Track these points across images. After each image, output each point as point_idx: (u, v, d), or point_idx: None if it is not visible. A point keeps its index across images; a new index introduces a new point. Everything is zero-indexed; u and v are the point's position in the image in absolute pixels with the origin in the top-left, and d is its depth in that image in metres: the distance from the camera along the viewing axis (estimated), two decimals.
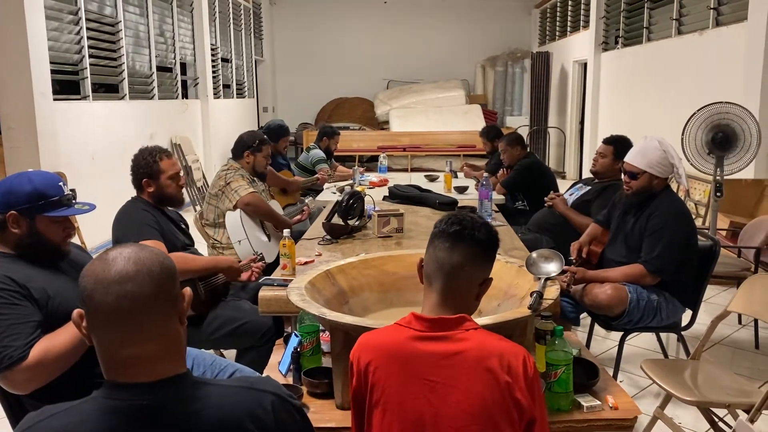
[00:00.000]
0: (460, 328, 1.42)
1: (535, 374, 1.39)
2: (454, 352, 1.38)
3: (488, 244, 1.53)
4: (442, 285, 1.48)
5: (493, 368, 1.35)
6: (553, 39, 12.02)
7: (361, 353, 1.44)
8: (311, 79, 13.62)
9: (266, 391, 1.15)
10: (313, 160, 5.64)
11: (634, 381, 3.24)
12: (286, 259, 2.63)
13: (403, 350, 1.40)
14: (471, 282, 1.50)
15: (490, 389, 1.34)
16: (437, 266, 1.48)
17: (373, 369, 1.40)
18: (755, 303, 2.44)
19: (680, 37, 6.88)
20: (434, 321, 1.43)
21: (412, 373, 1.37)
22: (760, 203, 5.02)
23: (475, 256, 1.49)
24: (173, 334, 1.11)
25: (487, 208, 3.88)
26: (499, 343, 1.41)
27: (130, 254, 1.10)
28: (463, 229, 1.49)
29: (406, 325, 1.45)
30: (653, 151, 2.86)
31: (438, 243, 1.50)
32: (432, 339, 1.41)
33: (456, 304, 1.47)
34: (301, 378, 1.94)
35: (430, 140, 11.46)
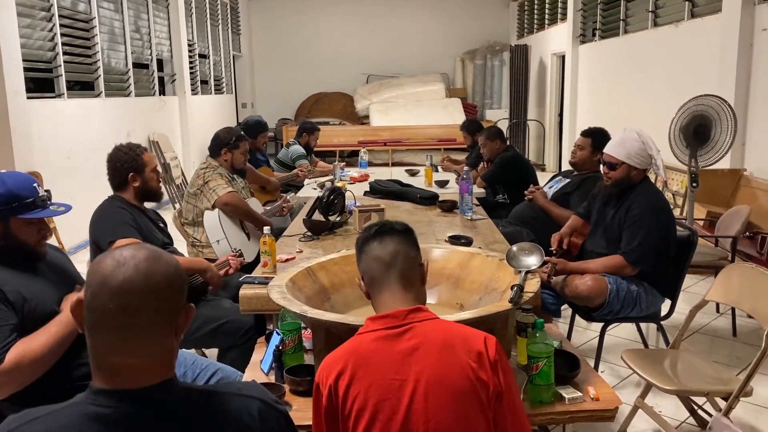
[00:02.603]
0: (416, 320, 1.44)
1: (499, 354, 1.40)
2: (416, 346, 1.39)
3: (406, 229, 1.65)
4: (392, 276, 1.54)
5: (456, 355, 1.37)
6: (531, 32, 12.07)
7: (329, 372, 1.40)
8: (290, 74, 13.53)
9: (253, 397, 1.14)
10: (292, 156, 5.61)
11: (615, 371, 3.27)
12: (266, 257, 2.61)
13: (368, 355, 1.40)
14: (413, 263, 1.59)
15: (456, 377, 1.35)
16: (379, 264, 1.56)
17: (347, 383, 1.38)
18: (732, 291, 2.47)
19: (656, 29, 6.94)
20: (389, 315, 1.45)
21: (381, 376, 1.37)
22: (736, 193, 5.09)
23: (404, 239, 1.60)
24: (167, 348, 1.08)
25: (467, 201, 3.88)
26: (460, 330, 1.44)
27: (143, 263, 1.06)
28: (381, 227, 1.62)
29: (365, 331, 1.46)
30: (632, 142, 2.89)
31: (368, 248, 1.59)
32: (392, 337, 1.41)
33: (408, 289, 1.53)
34: (283, 376, 1.93)
35: (411, 134, 11.46)
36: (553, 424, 1.96)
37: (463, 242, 3.01)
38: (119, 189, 2.77)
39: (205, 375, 2.16)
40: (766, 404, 2.93)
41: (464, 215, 3.82)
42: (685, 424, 2.76)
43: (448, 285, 2.32)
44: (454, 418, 1.33)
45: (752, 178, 5.02)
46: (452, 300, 2.26)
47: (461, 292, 2.28)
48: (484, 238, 3.26)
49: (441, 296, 2.30)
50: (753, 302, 2.32)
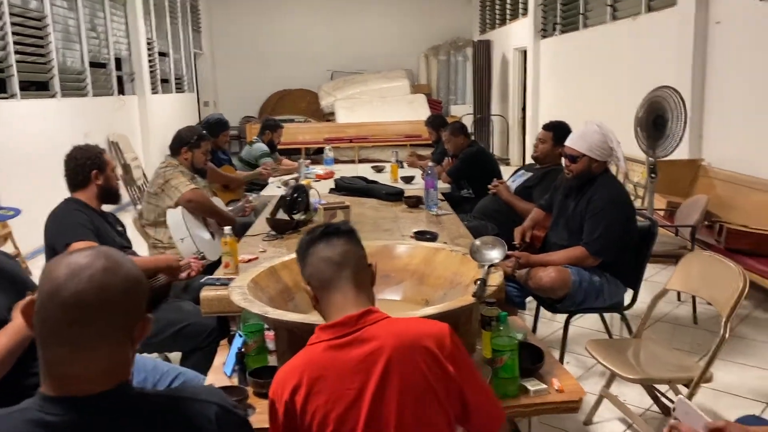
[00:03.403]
0: (368, 323, 1.40)
1: (455, 345, 1.39)
2: (370, 350, 1.35)
3: (351, 229, 1.59)
4: (344, 277, 1.48)
5: (412, 354, 1.35)
6: (493, 27, 12.15)
7: (284, 387, 1.37)
8: (253, 71, 13.39)
9: (210, 402, 1.11)
10: (256, 154, 5.54)
11: (581, 362, 3.30)
12: (228, 258, 2.57)
13: (323, 366, 1.36)
14: (363, 263, 1.54)
15: (414, 377, 1.33)
16: (329, 265, 1.49)
17: (303, 398, 1.34)
18: (692, 280, 2.51)
19: (615, 23, 7.04)
20: (339, 324, 1.40)
21: (339, 387, 1.34)
22: (694, 182, 5.20)
23: (349, 239, 1.55)
24: (121, 359, 1.05)
25: (433, 197, 3.89)
26: (414, 326, 1.41)
27: (98, 274, 1.00)
28: (325, 227, 1.57)
29: (317, 341, 1.42)
30: (593, 134, 2.92)
31: (314, 250, 1.52)
32: (346, 345, 1.37)
33: (361, 291, 1.49)
34: (246, 379, 1.90)
35: (377, 131, 11.44)
36: (519, 417, 1.96)
37: (428, 237, 3.01)
38: (79, 188, 2.71)
39: (166, 380, 2.11)
40: (726, 389, 2.99)
41: (429, 211, 3.83)
42: (649, 412, 2.80)
43: (413, 281, 2.31)
44: (415, 418, 1.32)
45: (710, 168, 5.13)
46: (417, 296, 2.25)
47: (426, 287, 2.27)
48: (449, 233, 3.27)
49: (406, 292, 2.29)
50: (711, 290, 2.36)
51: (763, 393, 2.97)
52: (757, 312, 3.96)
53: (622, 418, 2.73)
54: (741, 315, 3.88)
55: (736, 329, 3.68)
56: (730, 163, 4.91)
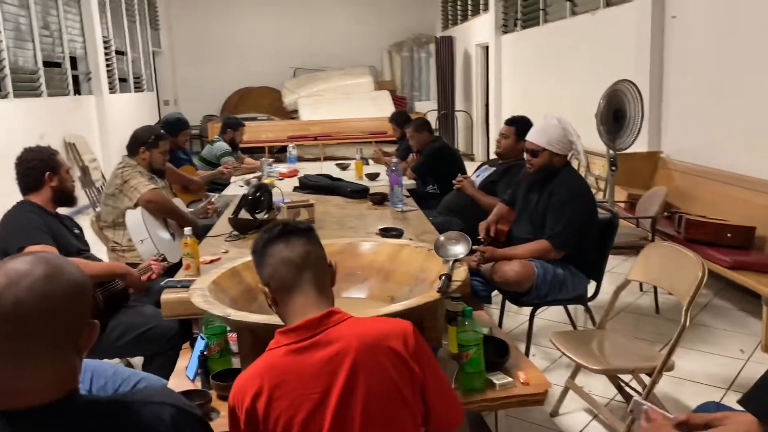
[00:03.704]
0: (330, 325, 1.37)
1: (418, 343, 1.37)
2: (333, 353, 1.33)
3: (308, 228, 1.54)
4: (305, 279, 1.44)
5: (376, 355, 1.33)
6: (455, 23, 12.20)
7: (245, 394, 1.33)
8: (214, 69, 13.20)
9: (164, 404, 1.07)
10: (217, 154, 5.46)
11: (546, 354, 3.34)
12: (189, 259, 2.52)
13: (285, 371, 1.33)
14: (323, 264, 1.50)
15: (378, 377, 1.31)
16: (289, 267, 1.44)
17: (265, 404, 1.31)
18: (653, 270, 2.55)
19: (574, 18, 7.13)
20: (301, 327, 1.37)
21: (302, 392, 1.31)
22: (654, 174, 5.30)
23: (309, 239, 1.50)
24: (67, 370, 1.00)
25: (398, 193, 3.88)
26: (377, 326, 1.39)
27: (38, 282, 0.95)
28: (283, 227, 1.51)
29: (276, 346, 1.38)
30: (553, 129, 2.94)
31: (273, 251, 1.47)
32: (307, 348, 1.34)
33: (322, 292, 1.46)
34: (209, 382, 1.86)
35: (341, 128, 11.39)
36: (486, 410, 1.96)
37: (394, 234, 3.00)
38: (32, 191, 2.64)
39: (127, 385, 2.05)
40: (688, 376, 3.05)
41: (395, 207, 3.82)
42: (614, 402, 2.84)
43: (378, 278, 2.30)
44: (382, 419, 1.30)
45: (669, 160, 5.24)
46: (383, 293, 2.24)
47: (392, 284, 2.26)
48: (414, 229, 3.26)
49: (372, 290, 2.27)
50: (671, 280, 2.40)
51: (723, 379, 3.04)
52: (717, 300, 4.06)
53: (588, 409, 2.77)
54: (701, 303, 3.97)
55: (696, 317, 3.77)
56: (688, 154, 5.01)
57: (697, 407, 1.80)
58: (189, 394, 1.79)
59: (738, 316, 3.81)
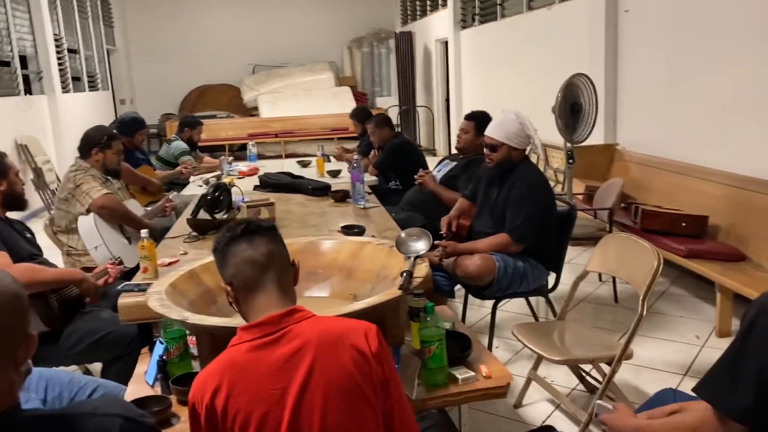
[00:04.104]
0: (293, 322, 1.37)
1: (381, 345, 1.37)
2: (295, 349, 1.32)
3: (271, 227, 1.53)
4: (268, 279, 1.44)
5: (338, 353, 1.33)
6: (414, 19, 12.22)
7: (204, 390, 1.32)
8: (171, 67, 12.97)
9: (113, 415, 1.04)
10: (175, 153, 5.36)
11: (509, 346, 3.37)
12: (146, 262, 2.47)
13: (245, 367, 1.32)
14: (286, 264, 1.50)
15: (340, 375, 1.31)
16: (252, 265, 1.44)
17: (224, 399, 1.29)
18: (610, 261, 2.59)
19: (531, 13, 7.21)
20: (263, 323, 1.37)
21: (261, 387, 1.30)
22: (611, 166, 5.40)
23: (272, 238, 1.50)
24: (4, 386, 0.96)
25: (360, 190, 3.86)
26: (339, 325, 1.39)
27: None
28: (246, 225, 1.49)
29: (238, 342, 1.37)
30: (511, 123, 2.97)
31: (235, 250, 1.46)
32: (269, 344, 1.34)
33: (285, 291, 1.45)
34: (169, 387, 1.83)
35: (303, 125, 11.31)
36: (449, 405, 1.97)
37: (356, 231, 2.99)
38: None
39: (83, 393, 2.00)
40: (647, 364, 3.12)
41: (357, 204, 3.81)
42: (575, 391, 2.89)
43: (340, 276, 2.28)
44: (342, 417, 1.30)
45: (624, 152, 5.34)
46: (345, 291, 2.23)
47: (354, 282, 2.25)
48: (377, 226, 3.26)
49: (334, 288, 2.26)
50: (628, 270, 2.45)
51: (680, 365, 3.12)
52: (673, 288, 4.16)
53: (551, 399, 2.81)
54: (658, 292, 4.07)
55: (654, 306, 3.85)
56: (643, 146, 5.12)
57: (655, 394, 1.85)
58: (148, 400, 1.76)
59: (693, 303, 3.91)
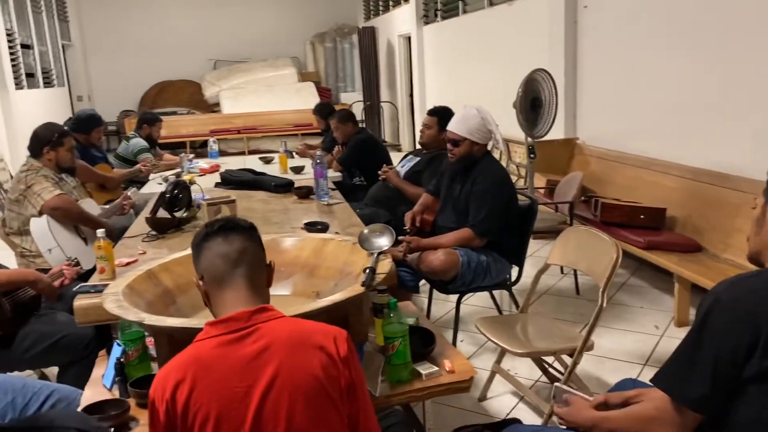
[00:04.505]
0: (261, 320, 1.36)
1: (350, 350, 1.37)
2: (262, 348, 1.31)
3: (251, 226, 1.54)
4: (238, 275, 1.43)
5: (306, 355, 1.31)
6: (377, 14, 12.19)
7: (166, 385, 1.29)
8: (129, 62, 12.68)
9: (67, 428, 1.01)
10: (134, 150, 5.25)
11: (474, 339, 3.39)
12: (103, 262, 2.40)
13: (210, 363, 1.30)
14: (259, 262, 1.50)
15: (307, 377, 1.30)
16: (223, 261, 1.44)
17: (186, 395, 1.27)
18: (570, 254, 2.63)
19: (492, 8, 7.25)
20: (232, 319, 1.35)
21: (225, 385, 1.28)
22: (571, 160, 5.47)
23: (249, 236, 1.50)
24: None
25: (323, 186, 3.84)
26: (309, 327, 1.38)
27: None
28: (225, 222, 1.51)
29: (205, 337, 1.35)
30: (472, 118, 2.99)
31: (210, 244, 1.47)
32: (236, 341, 1.32)
33: (255, 289, 1.44)
34: (127, 390, 1.79)
35: (265, 121, 11.19)
36: (414, 401, 1.97)
37: (319, 228, 2.97)
38: None
39: (38, 399, 1.94)
40: (607, 354, 3.18)
41: (320, 200, 3.79)
42: (539, 383, 2.92)
43: (303, 274, 2.27)
44: (307, 419, 1.28)
45: (584, 146, 5.42)
46: (308, 289, 2.21)
47: (317, 279, 2.24)
48: (341, 222, 3.24)
49: (296, 286, 2.24)
50: (588, 262, 2.49)
51: (640, 355, 3.18)
52: (633, 279, 4.24)
53: (514, 391, 2.83)
54: (618, 283, 4.14)
55: (614, 297, 3.93)
56: (602, 140, 5.20)
57: (615, 384, 1.88)
58: (105, 404, 1.72)
59: (653, 293, 3.99)
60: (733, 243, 3.52)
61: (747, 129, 3.69)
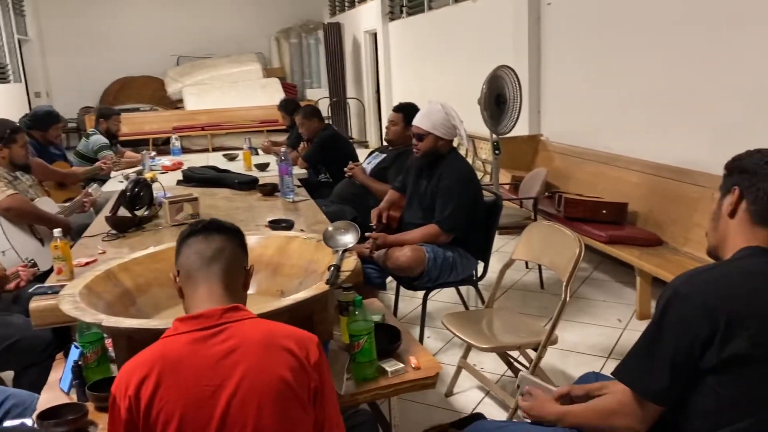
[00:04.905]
0: (233, 319, 1.34)
1: (321, 355, 1.36)
2: (232, 348, 1.29)
3: (235, 229, 1.55)
4: (213, 272, 1.42)
5: (276, 357, 1.30)
6: (342, 10, 12.14)
7: (129, 381, 1.26)
8: (90, 58, 12.39)
9: None
10: (94, 147, 5.13)
11: (441, 335, 3.40)
12: (60, 263, 2.34)
13: (177, 360, 1.27)
14: (236, 264, 1.49)
15: (276, 379, 1.28)
16: (199, 258, 1.44)
17: (150, 392, 1.24)
18: (534, 249, 2.65)
19: (457, 5, 7.28)
20: (203, 315, 1.33)
21: (193, 383, 1.25)
22: (535, 157, 5.53)
23: (231, 238, 1.51)
24: None
25: (288, 183, 3.81)
26: (280, 330, 1.36)
27: None
28: (208, 223, 1.52)
29: (173, 333, 1.33)
30: (436, 113, 3.00)
31: (191, 242, 1.48)
32: (206, 339, 1.30)
33: (229, 289, 1.42)
34: (85, 393, 1.74)
35: (230, 117, 11.06)
36: (380, 399, 1.97)
37: (284, 226, 2.94)
38: None
39: None
40: (571, 348, 3.22)
41: (286, 198, 3.75)
42: (504, 377, 2.94)
43: (267, 272, 2.23)
44: (275, 422, 1.26)
45: (548, 143, 5.49)
46: (272, 287, 2.18)
47: (281, 278, 2.21)
48: (306, 219, 3.22)
49: (260, 285, 2.21)
50: (551, 257, 2.51)
51: (603, 348, 3.23)
52: (596, 273, 4.31)
53: (481, 386, 2.85)
54: (581, 277, 4.20)
55: (577, 291, 3.98)
56: (566, 136, 5.27)
57: (579, 378, 1.90)
58: (62, 408, 1.67)
59: (615, 287, 4.06)
60: (692, 237, 3.60)
61: (706, 125, 3.77)
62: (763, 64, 3.36)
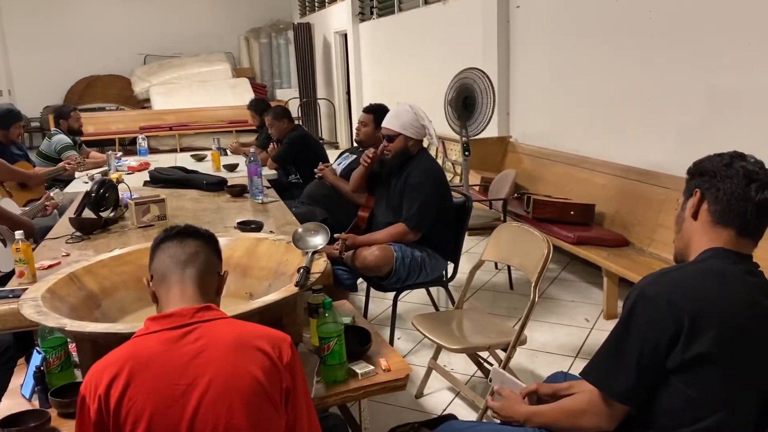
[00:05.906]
0: (204, 319, 1.33)
1: (293, 356, 1.35)
2: (203, 347, 1.27)
3: (209, 235, 1.56)
4: (186, 276, 1.42)
5: (248, 357, 1.28)
6: (313, 10, 12.09)
7: (99, 381, 1.24)
8: (54, 56, 12.12)
9: None
10: (57, 147, 5.02)
11: (411, 336, 3.41)
12: (22, 265, 2.28)
13: (148, 359, 1.25)
14: (210, 268, 1.49)
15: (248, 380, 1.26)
16: (173, 261, 1.45)
17: (120, 392, 1.22)
18: (503, 250, 2.67)
19: (427, 7, 7.31)
20: (174, 314, 1.32)
21: (163, 382, 1.23)
22: (505, 158, 5.58)
23: (205, 243, 1.51)
24: None
25: (257, 184, 3.78)
26: (252, 330, 1.35)
27: None
28: (184, 228, 1.53)
29: (144, 332, 1.31)
30: (405, 114, 3.01)
31: (165, 246, 1.49)
32: (177, 338, 1.28)
33: (202, 292, 1.42)
34: (48, 399, 1.70)
35: (199, 117, 10.92)
36: (350, 401, 1.96)
37: (253, 227, 2.92)
38: None
39: None
40: (540, 348, 3.25)
41: (255, 199, 3.72)
42: (474, 378, 2.96)
43: (235, 275, 2.21)
44: (246, 421, 1.24)
45: (517, 144, 5.54)
46: (241, 290, 2.16)
47: (250, 280, 2.19)
48: (276, 220, 3.20)
49: (229, 287, 2.16)
50: (520, 258, 2.53)
51: (572, 348, 3.27)
52: (564, 273, 4.36)
53: (451, 387, 2.86)
54: (550, 278, 4.25)
55: (546, 291, 4.02)
56: (535, 138, 5.33)
57: (547, 377, 1.92)
58: (24, 415, 1.63)
59: (583, 287, 4.12)
60: (657, 238, 3.67)
61: (671, 127, 3.85)
62: (720, 68, 3.45)
